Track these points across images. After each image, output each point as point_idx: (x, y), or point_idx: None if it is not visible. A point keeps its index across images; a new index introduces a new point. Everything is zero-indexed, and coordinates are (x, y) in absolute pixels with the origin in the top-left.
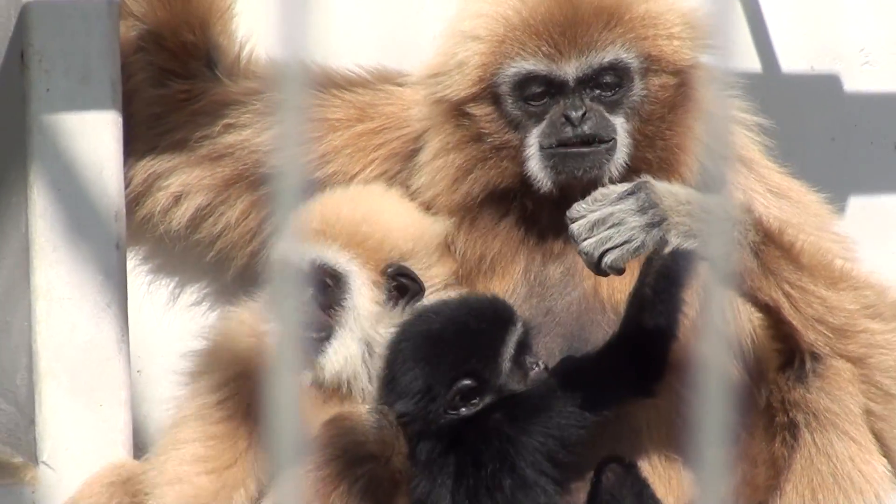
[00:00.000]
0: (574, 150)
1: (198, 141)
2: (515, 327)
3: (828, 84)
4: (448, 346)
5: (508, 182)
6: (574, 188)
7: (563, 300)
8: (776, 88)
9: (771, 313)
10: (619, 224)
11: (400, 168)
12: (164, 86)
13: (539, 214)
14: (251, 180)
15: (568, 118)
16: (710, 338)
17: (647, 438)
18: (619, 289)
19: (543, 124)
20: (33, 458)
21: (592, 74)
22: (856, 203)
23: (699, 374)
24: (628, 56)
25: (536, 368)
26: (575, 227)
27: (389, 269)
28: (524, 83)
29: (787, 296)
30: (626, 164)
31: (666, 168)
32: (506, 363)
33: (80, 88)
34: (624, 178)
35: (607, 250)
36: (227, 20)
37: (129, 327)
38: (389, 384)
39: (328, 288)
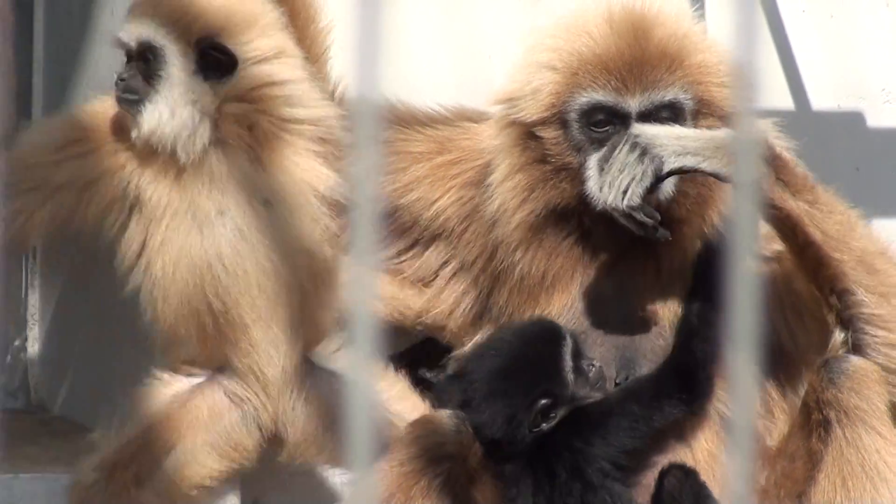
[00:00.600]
0: None
1: None
2: (566, 340)
3: (853, 119)
4: (518, 376)
5: (568, 201)
6: None
7: (617, 313)
8: (807, 124)
9: (794, 231)
10: (621, 171)
11: (474, 194)
12: None
13: (595, 232)
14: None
15: None
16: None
17: (693, 441)
18: (667, 303)
19: (604, 149)
20: None
21: (653, 109)
22: (878, 225)
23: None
24: (685, 97)
25: (594, 368)
26: (600, 196)
27: (201, 43)
28: (591, 111)
29: (807, 212)
30: (673, 192)
31: (700, 202)
32: (569, 374)
33: None
34: (667, 206)
35: (624, 196)
36: (323, 63)
37: None
38: (474, 424)
39: (149, 61)
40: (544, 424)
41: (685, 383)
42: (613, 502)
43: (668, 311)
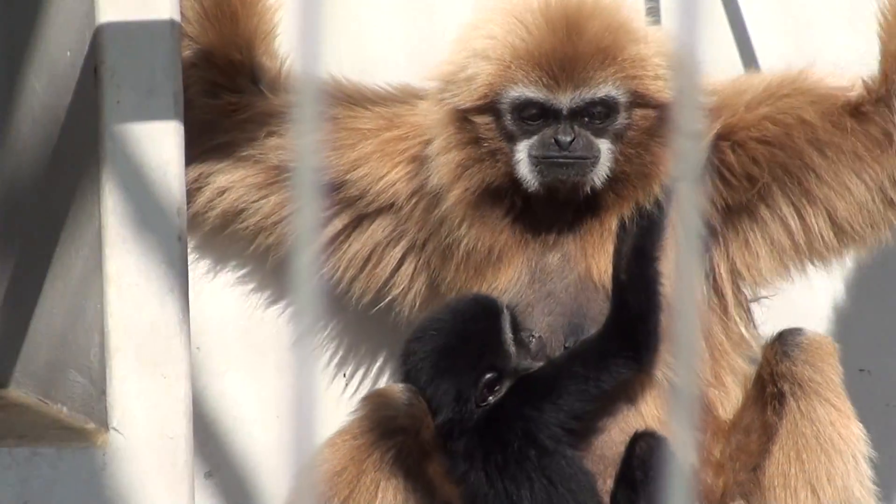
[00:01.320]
0: (561, 159)
1: (243, 146)
2: (504, 314)
3: None
4: (460, 353)
5: (501, 181)
6: (559, 189)
7: (562, 283)
8: None
9: None
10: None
11: (419, 169)
12: (215, 97)
13: (533, 210)
14: (286, 179)
15: (557, 142)
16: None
17: (643, 407)
18: (608, 269)
19: (535, 139)
20: (104, 424)
21: (584, 106)
22: None
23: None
24: (618, 93)
25: (534, 339)
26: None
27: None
28: (523, 107)
29: None
30: (608, 175)
31: (642, 178)
32: (510, 347)
33: (147, 100)
34: (607, 186)
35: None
36: (270, 41)
37: (189, 309)
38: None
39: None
40: (491, 398)
41: (627, 340)
42: (569, 466)
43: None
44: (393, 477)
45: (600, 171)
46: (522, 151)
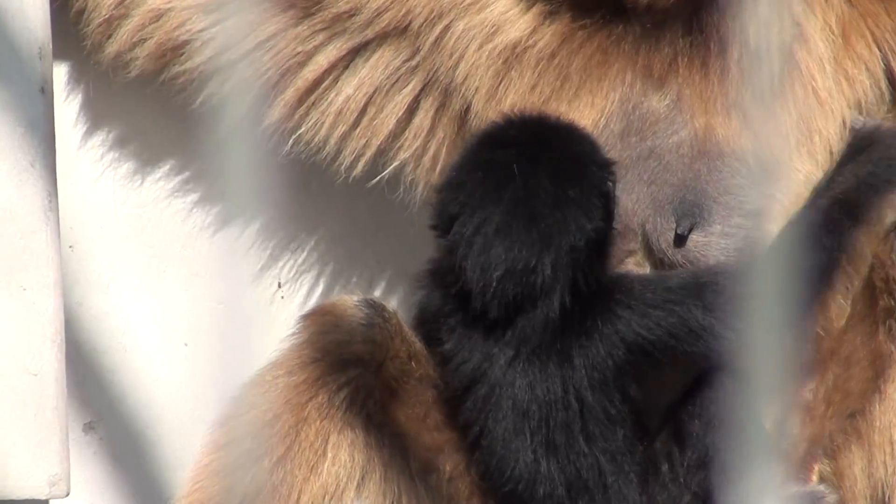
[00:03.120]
0: None
1: None
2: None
3: None
4: (556, 199)
5: None
6: None
7: (671, 140)
8: None
9: None
10: None
11: None
12: None
13: (632, 24)
14: None
15: None
16: None
17: None
18: (738, 132)
19: None
20: None
21: None
22: None
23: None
24: None
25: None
26: None
27: None
28: None
29: None
30: None
31: None
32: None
33: None
34: None
35: None
36: None
37: (57, 191)
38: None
39: None
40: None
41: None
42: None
43: (745, 144)
44: (347, 427)
45: None
46: None
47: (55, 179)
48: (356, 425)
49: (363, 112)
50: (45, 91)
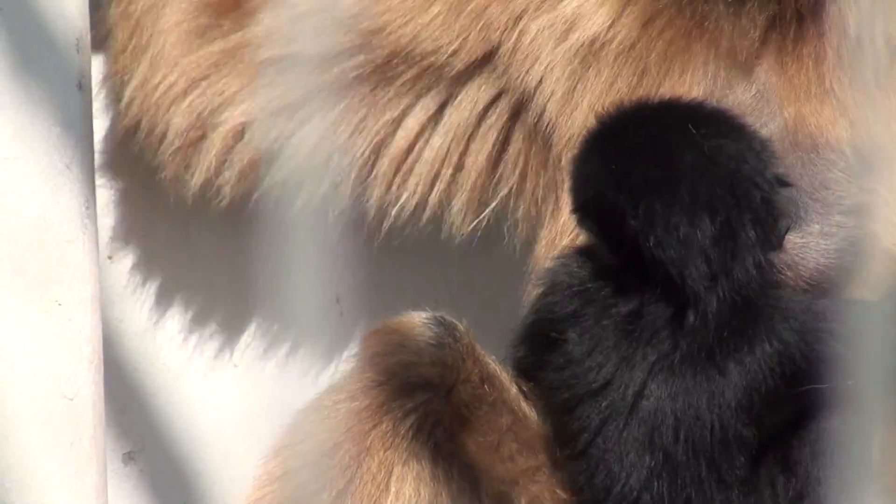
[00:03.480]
0: None
1: None
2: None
3: None
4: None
5: None
6: None
7: (766, 126)
8: None
9: None
10: None
11: None
12: None
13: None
14: None
15: None
16: None
17: None
18: (832, 120)
19: None
20: None
21: None
22: None
23: None
24: None
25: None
26: None
27: None
28: None
29: None
30: None
31: None
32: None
33: None
34: None
35: None
36: None
37: (96, 196)
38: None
39: None
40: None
41: None
42: None
43: (841, 134)
44: (413, 458)
45: None
46: None
47: (93, 184)
48: (423, 456)
49: (444, 160)
50: (83, 87)
